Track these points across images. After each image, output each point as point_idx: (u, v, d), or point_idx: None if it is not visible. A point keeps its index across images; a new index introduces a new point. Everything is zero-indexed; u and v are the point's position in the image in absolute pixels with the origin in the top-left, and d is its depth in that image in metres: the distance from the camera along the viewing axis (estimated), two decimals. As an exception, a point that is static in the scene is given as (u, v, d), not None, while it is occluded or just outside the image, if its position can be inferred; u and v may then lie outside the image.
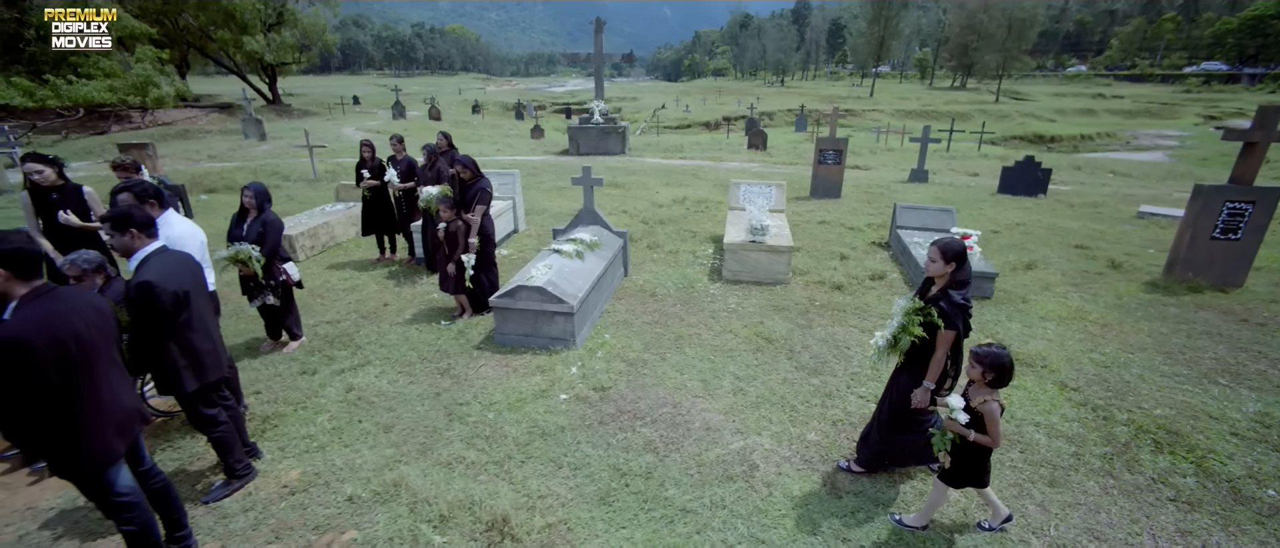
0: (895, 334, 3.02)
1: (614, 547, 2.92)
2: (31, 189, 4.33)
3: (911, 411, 3.11)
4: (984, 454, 2.78)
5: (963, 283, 2.94)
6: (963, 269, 2.93)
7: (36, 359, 2.04)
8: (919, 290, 3.16)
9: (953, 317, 2.87)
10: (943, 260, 2.92)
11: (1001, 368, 2.63)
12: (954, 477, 2.84)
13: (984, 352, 2.67)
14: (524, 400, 4.13)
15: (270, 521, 3.07)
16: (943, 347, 2.93)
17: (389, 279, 6.57)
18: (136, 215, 2.86)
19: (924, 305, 2.95)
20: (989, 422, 2.63)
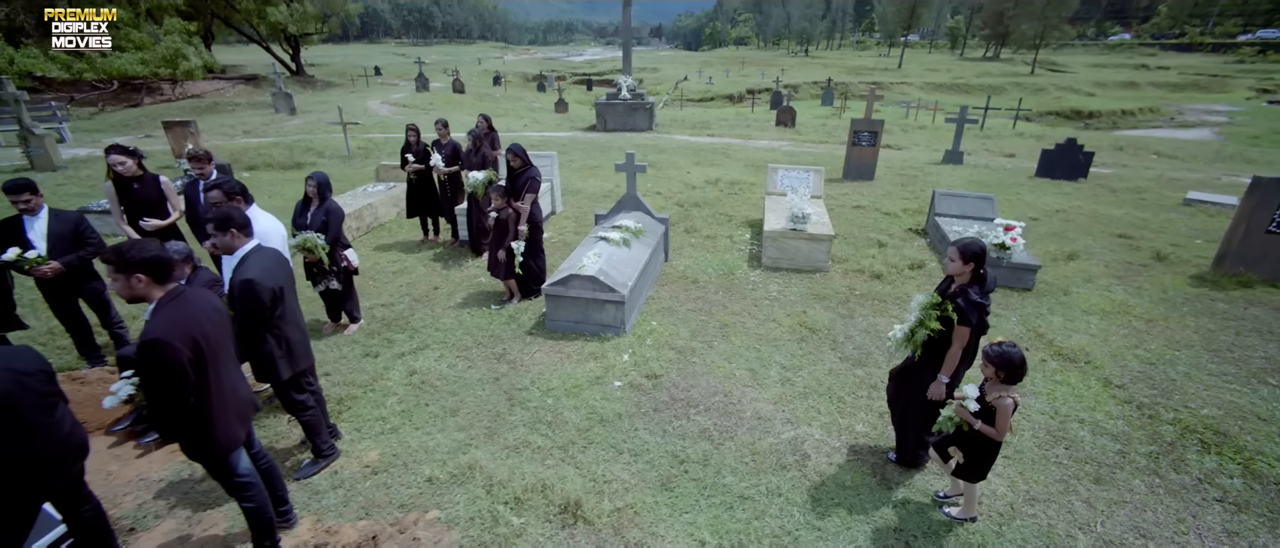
0: (912, 328, 3.18)
1: (679, 531, 3.12)
2: (115, 179, 4.54)
3: (930, 402, 3.23)
4: (991, 449, 2.91)
5: (981, 280, 3.05)
6: (982, 268, 3.04)
7: (178, 358, 2.24)
8: (940, 287, 3.27)
9: (969, 313, 3.00)
10: (961, 260, 3.04)
11: (1011, 365, 2.74)
12: (965, 472, 2.98)
13: (993, 351, 2.78)
14: (580, 387, 4.32)
15: (358, 498, 3.32)
16: (958, 342, 3.07)
17: (436, 262, 6.77)
18: (236, 216, 3.04)
19: (941, 301, 3.08)
20: (1000, 415, 2.76)
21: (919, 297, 3.21)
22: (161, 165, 11.97)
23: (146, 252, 2.28)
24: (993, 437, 2.82)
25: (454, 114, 21.01)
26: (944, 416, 2.96)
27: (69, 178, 10.99)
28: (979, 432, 2.83)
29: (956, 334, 3.05)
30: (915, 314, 3.18)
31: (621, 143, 14.65)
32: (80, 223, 4.30)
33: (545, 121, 19.03)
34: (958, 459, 2.98)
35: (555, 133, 16.32)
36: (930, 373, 3.21)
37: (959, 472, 3.02)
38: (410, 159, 6.77)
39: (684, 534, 3.10)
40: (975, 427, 2.81)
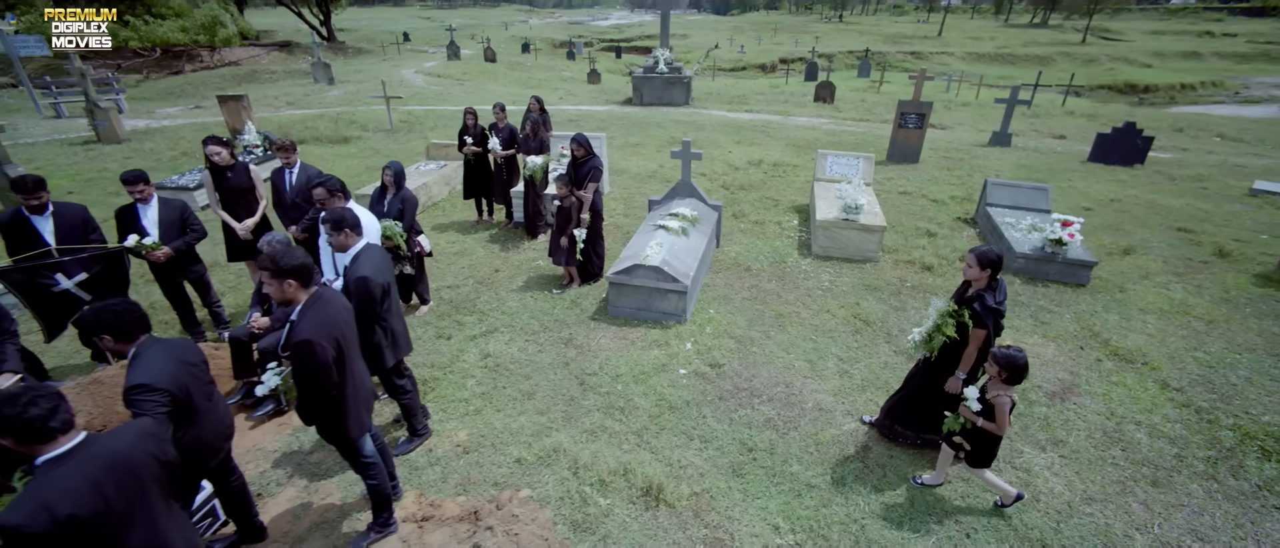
0: (929, 332, 3.42)
1: (753, 516, 3.36)
2: (211, 168, 4.82)
3: (943, 394, 3.48)
4: (993, 442, 3.16)
5: (996, 286, 3.28)
6: (997, 274, 3.28)
7: (326, 357, 2.50)
8: (957, 291, 3.47)
9: (984, 318, 3.23)
10: (979, 267, 3.24)
11: (1014, 367, 2.98)
12: (974, 458, 3.24)
13: (1000, 353, 3.03)
14: (647, 374, 4.55)
15: (454, 475, 3.64)
16: (974, 343, 3.30)
17: (493, 243, 7.01)
18: (348, 217, 3.27)
19: (958, 309, 3.30)
20: (998, 412, 3.02)
21: (937, 302, 3.43)
22: (216, 138, 12.37)
23: (296, 259, 2.53)
24: (994, 432, 3.08)
25: (489, 85, 21.05)
26: (948, 421, 3.23)
27: (135, 151, 11.47)
28: (982, 428, 3.08)
29: (973, 336, 3.28)
30: (933, 319, 3.40)
31: (659, 118, 14.58)
32: (185, 211, 4.62)
33: (580, 94, 18.95)
34: (964, 449, 3.24)
35: (591, 106, 16.27)
36: (944, 370, 3.46)
37: (969, 459, 3.25)
38: (468, 142, 6.95)
39: (758, 519, 3.35)
40: (978, 424, 3.08)
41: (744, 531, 3.27)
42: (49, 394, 1.81)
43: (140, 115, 15.49)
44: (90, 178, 9.77)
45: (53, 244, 4.10)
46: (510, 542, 3.03)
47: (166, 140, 12.35)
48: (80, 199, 8.76)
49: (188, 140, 12.23)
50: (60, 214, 4.16)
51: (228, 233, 5.03)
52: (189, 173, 8.81)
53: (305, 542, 3.22)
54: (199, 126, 13.80)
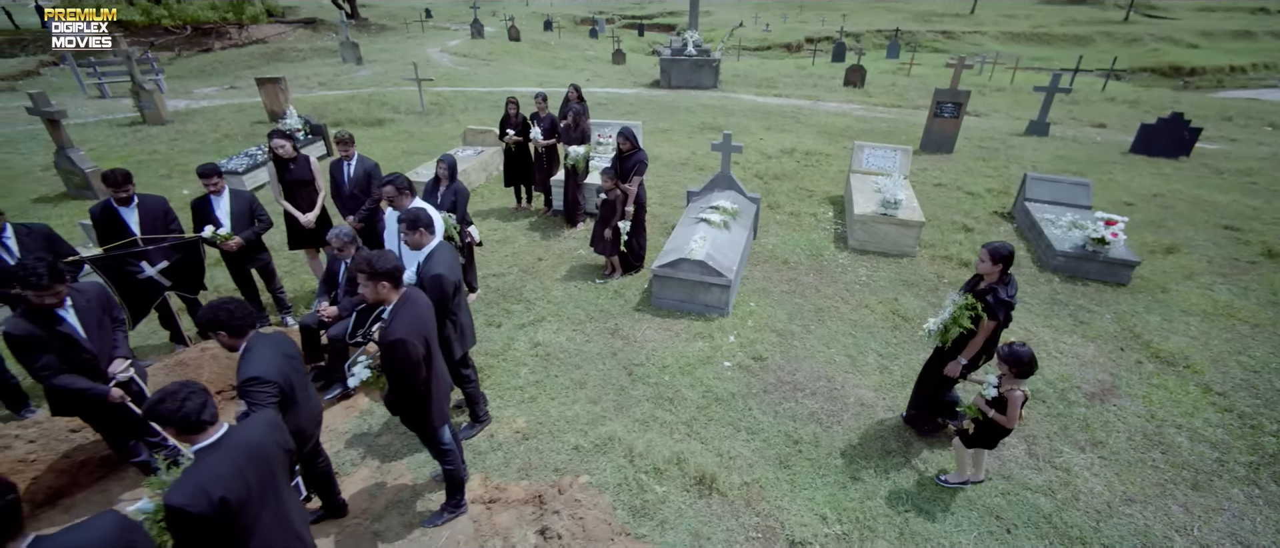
0: (946, 324, 3.59)
1: (801, 506, 3.53)
2: (275, 159, 5.03)
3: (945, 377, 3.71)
4: (998, 430, 3.33)
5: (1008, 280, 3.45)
6: (1009, 269, 3.45)
7: (417, 354, 2.70)
8: (969, 284, 3.63)
9: (996, 310, 3.41)
10: (991, 261, 3.41)
11: (1019, 363, 3.14)
12: (971, 439, 3.46)
13: (1005, 350, 3.19)
14: (693, 366, 4.71)
15: (516, 460, 3.86)
16: (982, 333, 3.49)
17: (534, 231, 7.18)
18: (423, 217, 3.44)
19: (973, 302, 3.46)
20: (1010, 406, 3.19)
21: (954, 295, 3.62)
22: (254, 121, 12.67)
23: (389, 263, 2.71)
24: (1005, 425, 3.25)
25: (514, 65, 21.02)
26: (964, 406, 3.45)
27: (179, 132, 11.80)
28: (992, 420, 3.27)
29: (982, 327, 3.46)
30: (949, 311, 3.58)
31: (688, 102, 14.51)
32: (253, 202, 4.85)
33: (606, 75, 18.85)
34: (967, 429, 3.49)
35: (619, 89, 16.22)
36: (951, 355, 3.67)
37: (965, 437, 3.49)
38: (510, 132, 7.07)
39: (806, 509, 3.52)
40: (989, 416, 3.26)
41: (793, 520, 3.45)
42: (199, 390, 2.03)
43: (179, 95, 15.85)
44: (141, 160, 10.12)
45: (138, 234, 4.36)
46: (576, 525, 3.24)
47: (207, 122, 12.66)
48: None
49: (228, 122, 12.53)
50: (144, 205, 4.41)
51: (289, 222, 5.26)
52: (235, 157, 9.09)
53: (383, 518, 3.48)
54: (236, 108, 14.11)
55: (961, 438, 3.52)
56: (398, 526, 3.42)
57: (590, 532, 3.21)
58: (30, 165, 9.77)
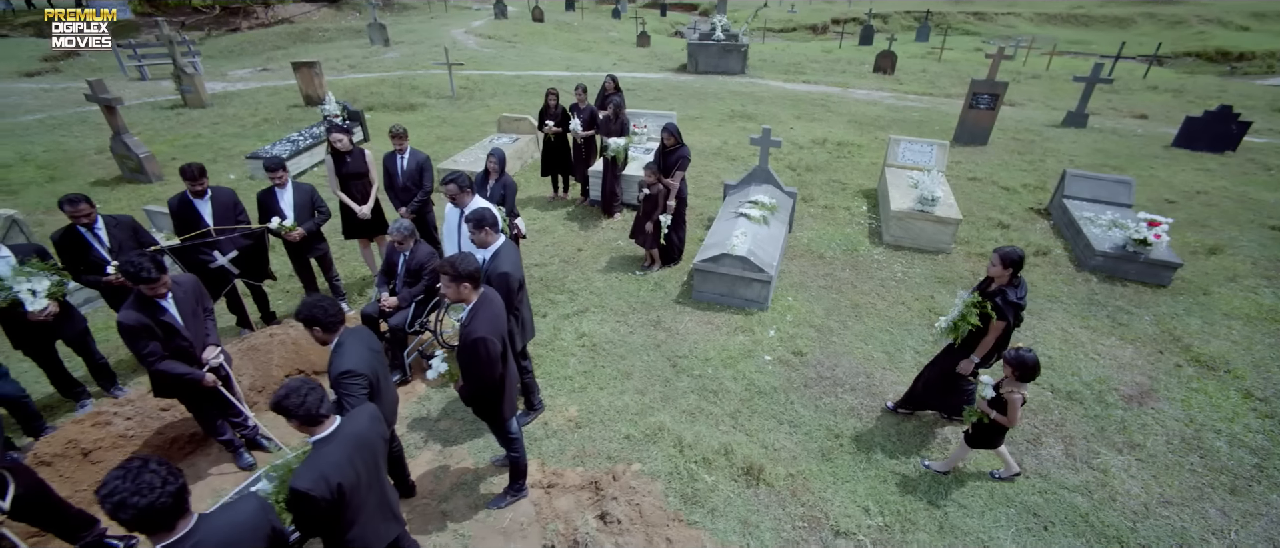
0: (955, 322, 3.75)
1: (845, 499, 3.70)
2: (332, 152, 5.22)
3: (957, 375, 3.87)
4: (1000, 430, 3.52)
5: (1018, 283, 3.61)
6: (1019, 272, 3.62)
7: (496, 351, 2.89)
8: (980, 285, 3.80)
9: (1005, 311, 3.57)
10: (1002, 265, 3.57)
11: (1023, 366, 3.31)
12: (974, 440, 3.64)
13: (1011, 354, 3.37)
14: (734, 359, 4.87)
15: (571, 448, 4.07)
16: (993, 333, 3.65)
17: (572, 221, 7.34)
18: (488, 217, 3.60)
19: (981, 301, 3.65)
20: (1010, 408, 3.36)
21: (963, 294, 3.82)
22: (290, 105, 12.93)
23: (471, 265, 2.88)
24: (1005, 425, 3.44)
25: (539, 47, 21.01)
26: (966, 412, 3.62)
27: (220, 116, 12.11)
28: (994, 421, 3.45)
29: (993, 327, 3.63)
30: (959, 309, 3.75)
31: (716, 89, 14.44)
32: (314, 194, 5.06)
33: (632, 59, 18.76)
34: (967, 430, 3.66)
35: (646, 74, 16.17)
36: (963, 356, 3.83)
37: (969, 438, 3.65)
38: (549, 124, 7.18)
39: (849, 501, 3.69)
40: (991, 417, 3.43)
41: (837, 511, 3.62)
42: (317, 387, 2.23)
43: (214, 78, 16.18)
44: (186, 144, 10.45)
45: (211, 225, 4.60)
46: (633, 511, 3.45)
47: (245, 105, 12.96)
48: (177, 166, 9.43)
49: (266, 106, 12.81)
50: (216, 197, 4.65)
51: (345, 212, 5.47)
52: (278, 143, 9.33)
53: (449, 499, 3.72)
54: (271, 91, 14.39)
55: (966, 439, 3.67)
56: (463, 506, 3.66)
57: (647, 517, 3.42)
58: (84, 148, 10.15)
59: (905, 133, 11.18)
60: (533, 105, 12.91)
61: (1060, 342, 5.12)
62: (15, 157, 9.62)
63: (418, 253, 4.48)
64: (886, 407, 4.38)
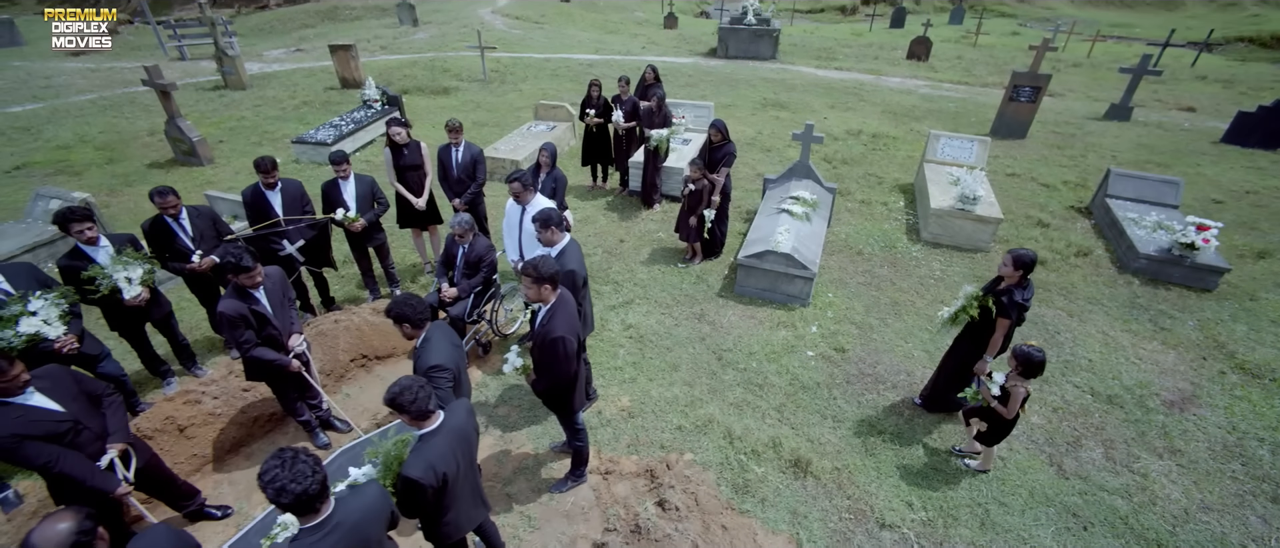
0: (956, 313, 3.98)
1: (889, 492, 3.86)
2: (391, 145, 5.41)
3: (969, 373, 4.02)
4: (1004, 425, 3.70)
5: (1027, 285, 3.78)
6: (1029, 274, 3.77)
7: (572, 349, 3.08)
8: (990, 284, 3.96)
9: (1010, 310, 3.74)
10: (1013, 267, 3.73)
11: (1030, 363, 3.46)
12: (985, 438, 3.82)
13: (1020, 350, 3.53)
14: (778, 354, 5.02)
15: (625, 436, 4.28)
16: (1000, 331, 3.84)
17: (612, 211, 7.48)
18: (554, 216, 3.77)
19: (984, 296, 3.86)
20: (1012, 399, 3.54)
21: (968, 287, 4.00)
22: (327, 87, 13.16)
23: (552, 268, 3.06)
24: (1003, 415, 3.61)
25: (567, 29, 20.92)
26: (970, 391, 3.79)
27: (261, 98, 12.38)
28: (995, 410, 3.62)
29: (998, 325, 3.81)
30: (960, 301, 3.96)
31: (747, 75, 14.33)
32: (374, 186, 5.26)
33: (661, 42, 18.62)
34: (980, 427, 3.81)
35: (675, 58, 16.07)
36: (968, 345, 4.05)
37: (980, 437, 3.84)
38: (591, 114, 7.29)
39: (893, 495, 3.85)
40: (992, 405, 3.61)
41: (881, 504, 3.78)
42: (425, 384, 2.43)
43: (251, 58, 16.43)
44: (232, 126, 10.75)
45: (280, 215, 4.84)
46: (690, 499, 3.65)
47: (284, 88, 13.21)
48: (229, 148, 9.74)
49: (304, 88, 13.05)
50: (285, 189, 4.87)
51: (400, 202, 5.68)
52: (321, 128, 9.56)
53: (513, 482, 3.96)
54: (307, 73, 14.63)
55: (979, 439, 3.86)
56: (527, 489, 3.90)
57: (703, 505, 3.62)
58: (137, 130, 10.51)
59: (940, 124, 11.06)
60: (564, 89, 12.99)
61: (1101, 345, 5.17)
62: (75, 138, 10.01)
63: (476, 245, 4.67)
64: (915, 402, 4.54)
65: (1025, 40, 21.25)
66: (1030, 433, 4.33)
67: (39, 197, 6.75)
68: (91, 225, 3.90)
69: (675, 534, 3.39)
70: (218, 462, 4.12)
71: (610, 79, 13.43)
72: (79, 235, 3.87)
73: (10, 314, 3.42)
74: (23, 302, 3.49)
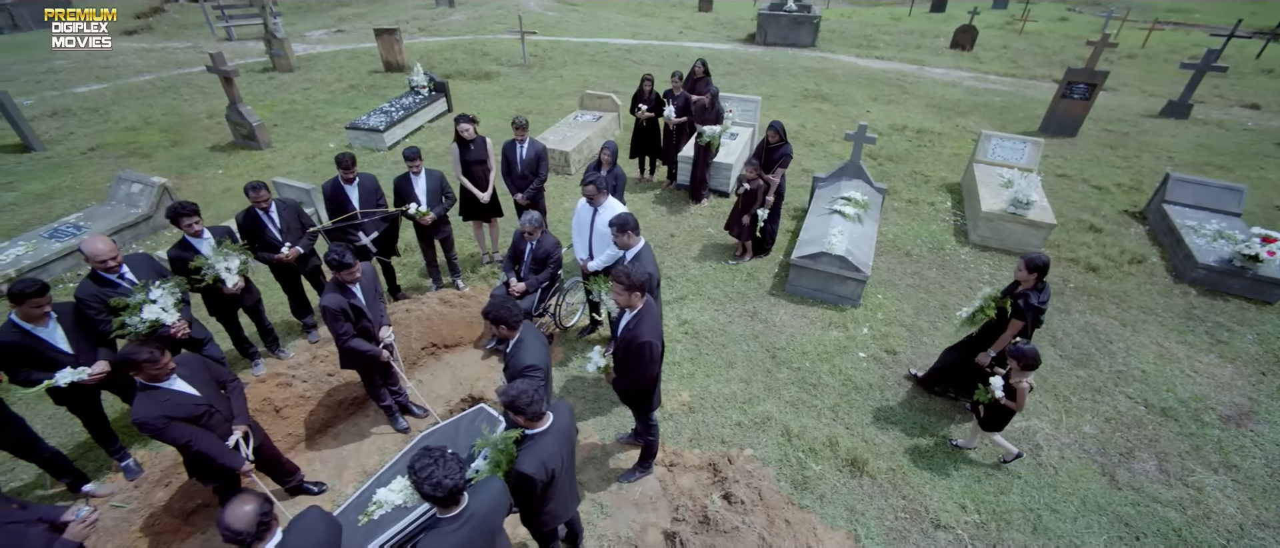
0: (974, 313, 4.19)
1: (942, 494, 4.01)
2: (458, 140, 5.61)
3: (975, 366, 4.27)
4: (1007, 413, 3.91)
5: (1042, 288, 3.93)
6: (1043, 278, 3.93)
7: (659, 353, 3.27)
8: (1007, 287, 4.13)
9: (1025, 313, 3.92)
10: (1027, 271, 3.90)
11: (1024, 358, 3.69)
12: (985, 423, 4.05)
13: (1013, 348, 3.77)
14: (830, 354, 5.16)
15: (687, 431, 4.49)
16: (1011, 331, 4.02)
17: (660, 205, 7.61)
18: (631, 221, 3.93)
19: (1001, 298, 4.05)
20: (1019, 394, 3.75)
21: (986, 290, 4.21)
22: (371, 70, 13.41)
23: (642, 276, 3.23)
24: (1014, 409, 3.82)
25: (601, 12, 20.80)
26: (979, 393, 3.93)
27: (309, 80, 12.69)
28: (1004, 405, 3.83)
29: (1011, 325, 4.00)
30: (978, 302, 4.17)
31: (787, 63, 14.18)
32: (442, 181, 5.48)
33: (697, 26, 18.43)
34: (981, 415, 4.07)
35: (713, 44, 15.94)
36: (980, 345, 4.27)
37: (982, 423, 4.08)
38: (643, 108, 7.39)
39: (946, 497, 4.00)
40: (1001, 402, 3.80)
41: (935, 505, 3.94)
42: (541, 388, 2.64)
43: (294, 40, 16.75)
44: (285, 110, 11.07)
45: (358, 208, 5.09)
46: (753, 494, 3.86)
47: (330, 70, 13.50)
48: (284, 132, 10.07)
49: (349, 71, 13.32)
50: (362, 184, 5.12)
51: (464, 195, 5.89)
52: (372, 114, 9.80)
53: (583, 471, 4.20)
54: (350, 54, 14.90)
55: (979, 423, 4.10)
56: (596, 478, 4.14)
57: (767, 500, 3.82)
58: (196, 112, 10.91)
59: (986, 119, 10.88)
60: (604, 76, 13.04)
61: (1155, 357, 5.20)
62: (140, 120, 10.45)
63: (544, 242, 4.87)
64: (913, 373, 4.84)
65: (1074, 27, 20.49)
66: (1082, 443, 4.42)
67: (121, 180, 7.15)
68: (198, 219, 4.19)
69: (743, 527, 3.60)
70: (309, 441, 4.45)
71: (648, 66, 13.50)
72: (188, 228, 4.16)
73: (135, 302, 3.74)
74: (145, 290, 3.79)
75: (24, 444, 3.53)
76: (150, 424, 2.90)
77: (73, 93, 11.93)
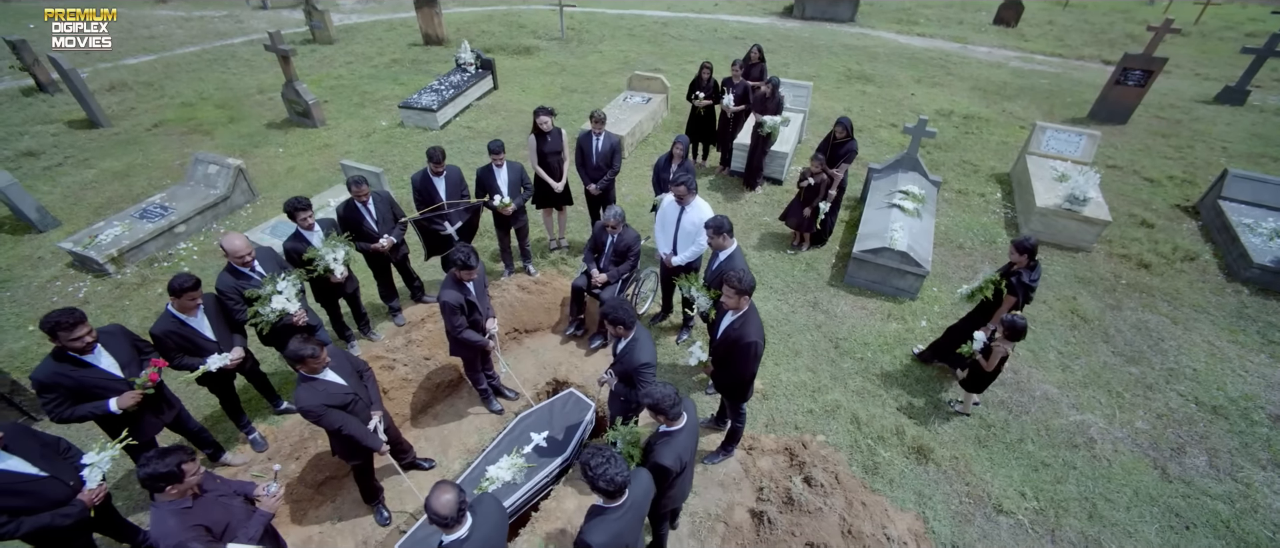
0: (974, 291, 4.65)
1: (1002, 482, 4.32)
2: (536, 132, 5.80)
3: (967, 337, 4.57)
4: (984, 376, 4.48)
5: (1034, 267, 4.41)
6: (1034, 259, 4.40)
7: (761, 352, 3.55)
8: (1003, 268, 4.56)
9: (1016, 289, 4.40)
10: (1019, 253, 4.35)
11: (1013, 328, 4.19)
12: (966, 383, 4.62)
13: (1006, 318, 4.24)
14: (890, 345, 5.42)
15: (762, 417, 4.81)
16: (1004, 307, 4.49)
17: (715, 191, 7.78)
18: (726, 224, 4.16)
19: (997, 278, 4.49)
20: (993, 354, 4.31)
21: (986, 270, 4.67)
22: (410, 43, 13.43)
23: (752, 282, 3.50)
24: (984, 368, 4.39)
25: None
26: (963, 348, 4.42)
27: (349, 53, 12.78)
28: (974, 361, 4.42)
29: (1005, 301, 4.47)
30: (978, 282, 4.64)
31: (826, 40, 13.99)
32: (521, 172, 5.70)
33: None
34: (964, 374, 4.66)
35: (750, 18, 15.69)
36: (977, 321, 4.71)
37: (964, 384, 4.66)
38: (699, 95, 7.48)
39: (1006, 485, 4.31)
40: (975, 356, 4.36)
41: (997, 491, 4.26)
42: (677, 392, 2.94)
43: (330, 9, 16.72)
44: (331, 85, 11.23)
45: (444, 199, 5.35)
46: (831, 477, 4.19)
47: (370, 43, 13.55)
48: (334, 109, 10.25)
49: (388, 44, 13.37)
50: (448, 176, 5.36)
51: (539, 184, 6.11)
52: (423, 92, 9.91)
53: (667, 450, 4.55)
54: (387, 26, 14.89)
55: (961, 384, 4.70)
56: (680, 458, 4.50)
57: (844, 483, 4.16)
58: (247, 87, 11.10)
59: (1034, 103, 10.78)
60: (644, 51, 12.98)
61: (1206, 355, 5.40)
62: (195, 95, 10.68)
63: (625, 236, 5.12)
64: (914, 352, 5.25)
65: (1122, 1, 19.76)
66: (1135, 437, 4.69)
67: (197, 161, 7.44)
68: (311, 213, 4.48)
69: (825, 508, 3.95)
70: (413, 420, 4.84)
71: (686, 41, 13.43)
72: (303, 222, 4.46)
73: (266, 294, 4.07)
74: (273, 282, 4.12)
75: (180, 421, 3.93)
76: (311, 411, 3.25)
77: (124, 64, 12.14)
